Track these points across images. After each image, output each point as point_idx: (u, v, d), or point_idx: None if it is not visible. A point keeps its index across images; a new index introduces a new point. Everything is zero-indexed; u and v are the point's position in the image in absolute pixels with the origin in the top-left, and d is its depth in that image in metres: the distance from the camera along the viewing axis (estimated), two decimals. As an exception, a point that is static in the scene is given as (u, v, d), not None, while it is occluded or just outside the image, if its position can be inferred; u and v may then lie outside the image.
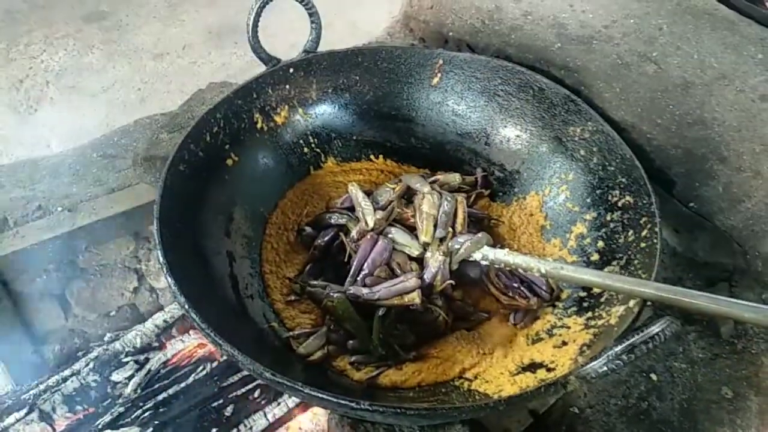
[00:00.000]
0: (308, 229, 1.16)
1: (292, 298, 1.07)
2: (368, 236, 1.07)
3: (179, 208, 0.98)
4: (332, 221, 1.15)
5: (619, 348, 0.68)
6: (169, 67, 2.59)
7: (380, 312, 0.99)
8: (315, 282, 1.06)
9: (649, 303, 0.84)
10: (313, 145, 1.26)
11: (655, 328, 0.70)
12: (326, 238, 1.13)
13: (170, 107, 1.55)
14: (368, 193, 1.17)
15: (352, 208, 1.15)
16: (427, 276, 1.03)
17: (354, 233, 1.10)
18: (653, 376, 1.10)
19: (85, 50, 2.68)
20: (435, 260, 1.04)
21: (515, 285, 1.06)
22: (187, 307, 0.81)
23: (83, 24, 2.81)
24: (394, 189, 1.15)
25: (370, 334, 0.98)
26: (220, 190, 1.10)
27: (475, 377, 0.95)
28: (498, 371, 0.94)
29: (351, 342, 0.99)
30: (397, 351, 0.98)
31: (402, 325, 1.01)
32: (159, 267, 1.30)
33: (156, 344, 1.25)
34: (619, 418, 1.04)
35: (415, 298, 0.98)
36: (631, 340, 0.68)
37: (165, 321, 1.27)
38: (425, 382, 0.95)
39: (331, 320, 1.00)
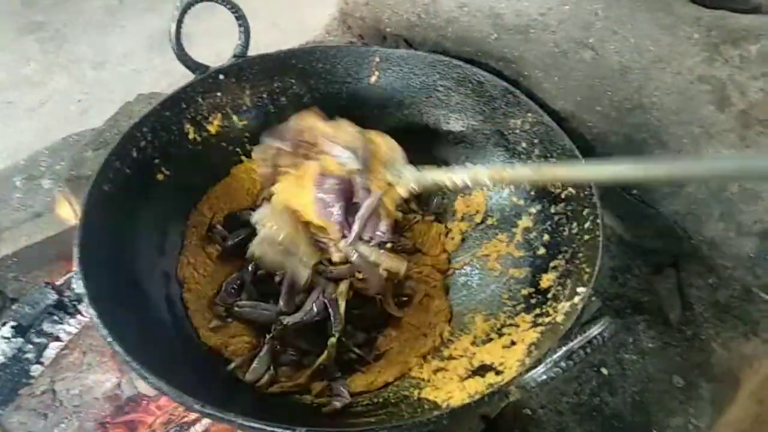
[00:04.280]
0: (219, 227, 1.09)
1: (215, 324, 0.98)
2: None
3: (105, 231, 0.92)
4: (247, 218, 1.03)
5: (557, 355, 0.66)
6: (110, 76, 2.50)
7: (335, 335, 0.95)
8: (243, 302, 0.99)
9: (593, 297, 0.82)
10: (251, 152, 1.22)
11: (594, 330, 0.68)
12: (237, 239, 1.06)
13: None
14: None
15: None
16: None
17: None
18: (604, 370, 1.09)
19: (22, 63, 2.57)
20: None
21: None
22: (110, 339, 0.76)
23: (18, 36, 2.70)
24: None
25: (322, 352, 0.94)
26: (152, 207, 1.05)
27: (426, 382, 0.93)
28: (448, 376, 0.92)
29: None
30: (354, 359, 0.96)
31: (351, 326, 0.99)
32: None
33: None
34: (572, 416, 1.03)
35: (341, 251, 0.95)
36: (569, 345, 0.66)
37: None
38: (387, 381, 0.95)
39: (273, 340, 0.95)
